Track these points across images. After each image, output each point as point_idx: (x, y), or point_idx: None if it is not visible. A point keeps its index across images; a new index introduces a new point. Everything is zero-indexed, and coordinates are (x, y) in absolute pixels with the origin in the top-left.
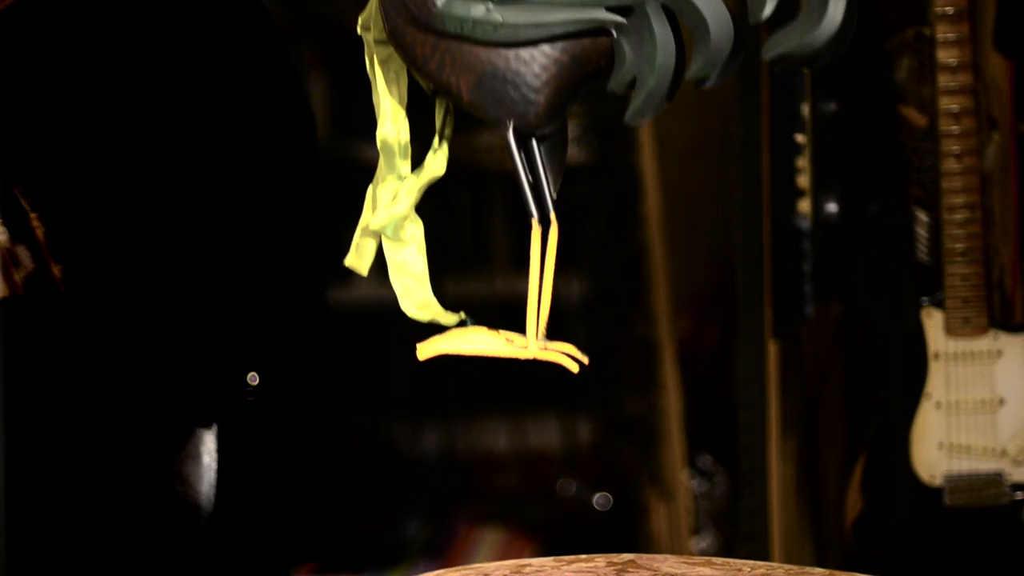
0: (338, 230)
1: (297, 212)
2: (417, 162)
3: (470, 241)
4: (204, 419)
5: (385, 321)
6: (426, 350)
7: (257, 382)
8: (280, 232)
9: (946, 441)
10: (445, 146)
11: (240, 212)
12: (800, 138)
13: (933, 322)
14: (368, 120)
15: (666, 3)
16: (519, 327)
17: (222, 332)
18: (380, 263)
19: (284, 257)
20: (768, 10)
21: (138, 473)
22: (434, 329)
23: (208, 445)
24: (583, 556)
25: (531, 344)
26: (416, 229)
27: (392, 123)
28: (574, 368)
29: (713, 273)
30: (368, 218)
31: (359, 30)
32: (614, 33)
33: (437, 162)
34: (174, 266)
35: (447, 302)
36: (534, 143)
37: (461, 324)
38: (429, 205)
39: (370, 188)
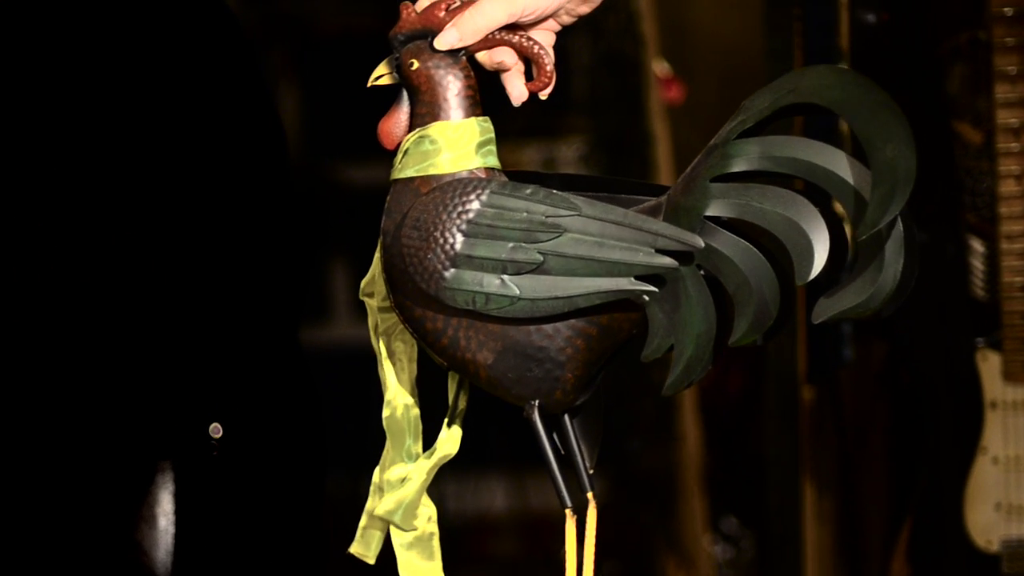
0: (313, 257)
1: (265, 237)
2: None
3: None
4: (160, 477)
5: (365, 362)
6: None
7: (220, 434)
8: (246, 260)
9: (1004, 502)
10: (457, 425)
11: (201, 238)
12: None
13: (989, 366)
14: (344, 136)
15: (702, 264)
16: None
17: (180, 377)
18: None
19: (251, 289)
20: (814, 272)
21: (88, 538)
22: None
23: (165, 507)
24: None
25: None
26: (428, 513)
27: (400, 399)
28: None
29: None
30: (374, 503)
31: (360, 295)
32: (645, 299)
33: (450, 441)
34: (128, 301)
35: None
36: (566, 418)
37: None
38: None
39: (376, 471)
